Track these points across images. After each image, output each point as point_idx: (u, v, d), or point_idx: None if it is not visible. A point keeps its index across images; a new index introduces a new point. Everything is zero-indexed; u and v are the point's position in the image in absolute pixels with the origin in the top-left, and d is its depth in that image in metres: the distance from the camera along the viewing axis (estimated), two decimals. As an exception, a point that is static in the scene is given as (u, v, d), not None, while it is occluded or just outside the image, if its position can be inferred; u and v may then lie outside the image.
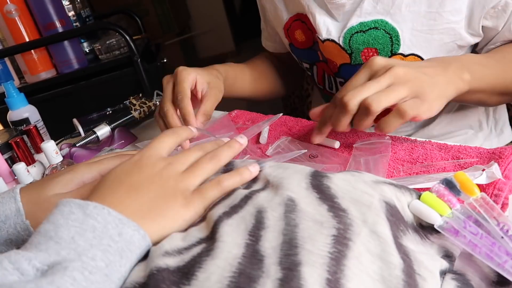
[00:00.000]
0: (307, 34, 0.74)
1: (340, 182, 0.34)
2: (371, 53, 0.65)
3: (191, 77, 0.62)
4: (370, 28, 0.63)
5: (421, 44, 0.62)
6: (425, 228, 0.33)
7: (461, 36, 0.61)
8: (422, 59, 0.63)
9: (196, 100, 0.64)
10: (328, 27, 0.67)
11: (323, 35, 0.68)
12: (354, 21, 0.64)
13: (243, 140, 0.44)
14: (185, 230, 0.35)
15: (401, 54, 0.63)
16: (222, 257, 0.29)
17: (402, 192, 0.34)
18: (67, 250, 0.29)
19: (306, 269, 0.26)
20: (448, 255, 0.32)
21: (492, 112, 0.77)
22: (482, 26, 0.60)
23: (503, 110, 0.79)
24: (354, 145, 0.54)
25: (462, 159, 0.47)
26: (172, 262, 0.30)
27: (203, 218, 0.36)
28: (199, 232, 0.33)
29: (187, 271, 0.28)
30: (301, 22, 0.73)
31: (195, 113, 0.60)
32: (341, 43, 0.67)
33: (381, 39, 0.63)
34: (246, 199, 0.35)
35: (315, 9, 0.67)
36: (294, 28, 0.75)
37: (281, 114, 0.66)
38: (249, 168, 0.40)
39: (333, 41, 0.67)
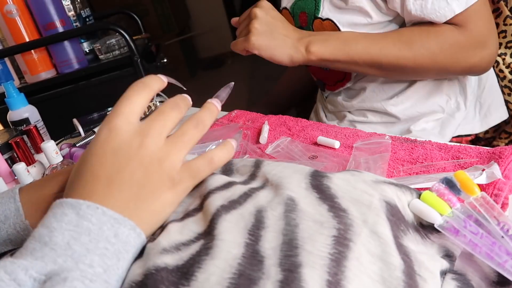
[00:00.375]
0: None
1: (340, 182, 0.34)
2: (304, 17, 0.77)
3: None
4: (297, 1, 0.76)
5: (334, 13, 0.71)
6: (425, 228, 0.33)
7: (369, 15, 0.68)
8: (336, 26, 0.71)
9: None
10: None
11: (282, 4, 0.82)
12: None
13: (216, 102, 0.40)
14: (181, 219, 0.33)
15: (320, 18, 0.73)
16: (222, 257, 0.28)
17: (403, 191, 0.34)
18: (63, 257, 0.28)
19: (306, 270, 0.26)
20: (448, 255, 0.32)
21: (473, 94, 0.77)
22: (387, 7, 0.67)
23: (489, 94, 0.78)
24: (354, 145, 0.54)
25: (462, 159, 0.47)
26: (170, 260, 0.29)
27: (200, 207, 0.34)
28: (196, 225, 0.32)
29: (186, 271, 0.28)
30: None
31: None
32: (289, 9, 0.80)
33: (309, 5, 0.74)
34: (245, 196, 0.34)
35: None
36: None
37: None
38: (230, 142, 0.39)
39: (285, 8, 0.81)
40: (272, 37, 0.66)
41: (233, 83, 0.45)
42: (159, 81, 0.37)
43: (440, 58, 0.64)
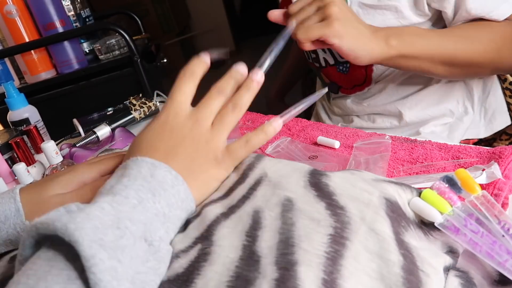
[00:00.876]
0: None
1: (339, 180, 0.34)
2: None
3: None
4: None
5: (365, 17, 0.66)
6: (427, 225, 0.33)
7: (403, 15, 0.65)
8: None
9: None
10: None
11: None
12: None
13: (258, 76, 0.43)
14: (184, 230, 0.34)
15: None
16: (220, 262, 0.28)
17: (403, 189, 0.34)
18: (105, 195, 0.32)
19: (302, 268, 0.26)
20: (452, 251, 0.32)
21: (478, 99, 0.77)
22: (429, 7, 0.64)
23: (493, 99, 0.78)
24: (354, 145, 0.54)
25: (462, 159, 0.47)
26: (171, 271, 0.30)
27: (197, 213, 0.35)
28: (193, 231, 0.33)
29: (186, 278, 0.28)
30: None
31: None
32: None
33: None
34: (243, 199, 0.35)
35: None
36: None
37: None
38: (272, 124, 0.41)
39: None
40: (353, 26, 0.55)
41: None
42: (203, 65, 0.42)
43: (503, 52, 0.63)
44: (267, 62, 0.47)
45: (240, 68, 0.43)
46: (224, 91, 0.42)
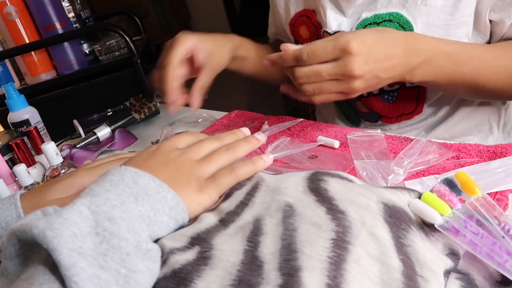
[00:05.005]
0: (311, 30, 0.73)
1: (337, 185, 0.34)
2: None
3: (188, 44, 0.62)
4: (384, 21, 0.63)
5: (433, 32, 0.60)
6: (428, 226, 0.33)
7: (476, 29, 0.60)
8: None
9: (194, 68, 0.64)
10: (337, 20, 0.67)
11: (333, 27, 0.67)
12: (367, 14, 0.64)
13: (261, 137, 0.44)
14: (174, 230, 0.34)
15: None
16: (221, 266, 0.28)
17: (401, 191, 0.34)
18: (84, 196, 0.31)
19: (306, 274, 0.26)
20: (453, 253, 0.32)
21: (504, 113, 0.74)
22: (490, 21, 0.59)
23: None
24: (348, 136, 0.54)
25: (462, 158, 0.47)
26: (166, 268, 0.30)
27: (193, 221, 0.35)
28: (188, 230, 0.33)
29: (184, 277, 0.28)
30: (306, 17, 0.73)
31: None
32: None
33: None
34: (242, 206, 0.34)
35: (325, 3, 0.68)
36: (299, 23, 0.75)
37: (301, 119, 0.66)
38: (262, 158, 0.41)
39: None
40: (374, 79, 0.51)
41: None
42: (202, 135, 0.45)
43: None
44: (272, 131, 0.52)
45: (245, 130, 0.46)
46: (222, 140, 0.43)
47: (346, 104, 0.81)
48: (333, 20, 0.67)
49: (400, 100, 0.70)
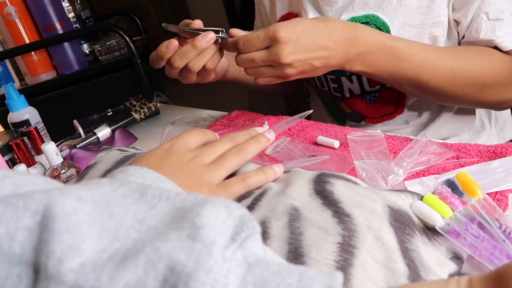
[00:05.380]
0: None
1: (343, 188, 0.34)
2: None
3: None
4: (362, 23, 0.63)
5: (412, 38, 0.61)
6: (431, 230, 0.33)
7: (450, 29, 0.62)
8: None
9: None
10: None
11: None
12: (345, 16, 0.65)
13: (270, 135, 0.44)
14: None
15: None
16: None
17: (405, 194, 0.34)
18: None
19: None
20: (457, 257, 0.31)
21: (494, 112, 0.75)
22: (454, 20, 0.60)
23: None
24: (347, 136, 0.54)
25: (462, 158, 0.47)
26: None
27: None
28: None
29: None
30: None
31: None
32: None
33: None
34: (248, 209, 0.34)
35: (307, 6, 0.69)
36: None
37: (311, 110, 0.66)
38: (273, 168, 0.40)
39: None
40: (308, 65, 0.54)
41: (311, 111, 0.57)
42: (215, 135, 0.45)
43: (486, 77, 0.57)
44: (281, 128, 0.53)
45: (258, 129, 0.46)
46: (235, 140, 0.43)
47: (332, 105, 0.82)
48: None
49: (382, 100, 0.72)
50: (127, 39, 1.15)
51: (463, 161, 0.46)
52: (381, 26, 0.63)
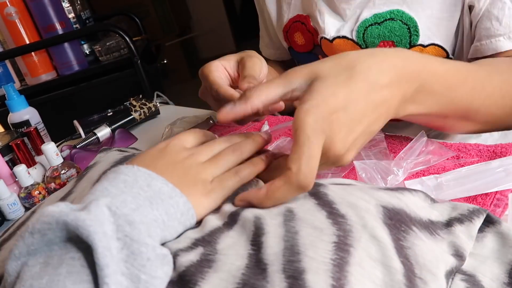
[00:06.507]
0: (307, 37, 0.71)
1: (337, 189, 0.34)
2: (388, 46, 0.60)
3: (214, 67, 0.52)
4: (386, 20, 0.59)
5: (441, 32, 0.57)
6: (435, 224, 0.33)
7: (462, 17, 0.56)
8: (443, 49, 0.57)
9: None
10: (335, 25, 0.64)
11: (332, 33, 0.64)
12: (367, 13, 0.60)
13: (266, 136, 0.43)
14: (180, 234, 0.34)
15: (421, 45, 0.58)
16: (225, 269, 0.28)
17: (401, 193, 0.34)
18: (100, 194, 0.32)
19: (310, 276, 0.26)
20: (458, 254, 0.31)
21: None
22: (469, 7, 0.54)
23: None
24: None
25: (462, 158, 0.47)
26: (173, 273, 0.29)
27: (198, 222, 0.35)
28: (193, 233, 0.33)
29: (189, 279, 0.28)
30: (301, 23, 0.70)
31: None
32: (354, 38, 0.62)
33: (398, 31, 0.59)
34: (241, 210, 0.34)
35: (321, 7, 0.65)
36: (293, 30, 0.72)
37: None
38: (261, 157, 0.40)
39: (344, 37, 0.63)
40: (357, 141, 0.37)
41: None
42: (212, 135, 0.45)
43: None
44: (282, 128, 0.48)
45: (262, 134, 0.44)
46: (231, 140, 0.42)
47: None
48: (331, 25, 0.64)
49: None
50: (127, 39, 1.16)
51: (463, 161, 0.46)
52: (408, 22, 0.58)
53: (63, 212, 0.27)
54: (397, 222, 0.31)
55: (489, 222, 0.33)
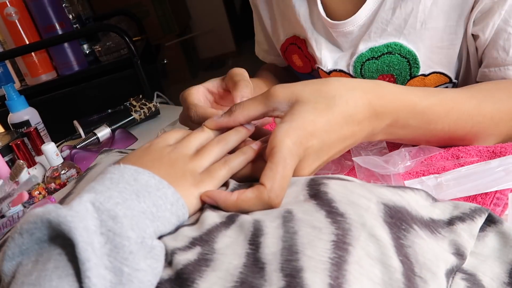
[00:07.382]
0: (304, 61, 0.68)
1: (337, 187, 0.34)
2: (387, 80, 0.58)
3: (194, 90, 0.52)
4: (383, 54, 0.57)
5: (442, 60, 0.55)
6: (436, 222, 0.33)
7: (464, 43, 0.54)
8: (446, 76, 0.56)
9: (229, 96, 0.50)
10: (333, 58, 0.61)
11: (329, 66, 0.62)
12: (363, 47, 0.57)
13: (250, 126, 0.43)
14: (176, 230, 0.34)
15: (422, 75, 0.56)
16: (223, 268, 0.28)
17: (403, 190, 0.34)
18: (86, 191, 0.32)
19: (308, 275, 0.26)
20: (459, 253, 0.31)
21: None
22: (473, 35, 0.53)
23: None
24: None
25: (462, 158, 0.47)
26: (171, 270, 0.30)
27: (195, 221, 0.35)
28: (190, 232, 0.33)
29: (187, 277, 0.28)
30: (297, 47, 0.67)
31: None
32: (351, 73, 0.60)
33: (397, 65, 0.56)
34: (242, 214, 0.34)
35: (318, 36, 0.62)
36: (291, 52, 0.70)
37: None
38: (252, 147, 0.40)
39: (341, 71, 0.61)
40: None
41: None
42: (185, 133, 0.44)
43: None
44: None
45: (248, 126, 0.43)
46: (207, 132, 0.42)
47: None
48: (329, 58, 0.62)
49: None
50: (127, 39, 1.16)
51: (462, 160, 0.46)
52: (407, 55, 0.55)
53: (46, 211, 0.27)
54: (398, 220, 0.31)
55: (490, 221, 0.33)
